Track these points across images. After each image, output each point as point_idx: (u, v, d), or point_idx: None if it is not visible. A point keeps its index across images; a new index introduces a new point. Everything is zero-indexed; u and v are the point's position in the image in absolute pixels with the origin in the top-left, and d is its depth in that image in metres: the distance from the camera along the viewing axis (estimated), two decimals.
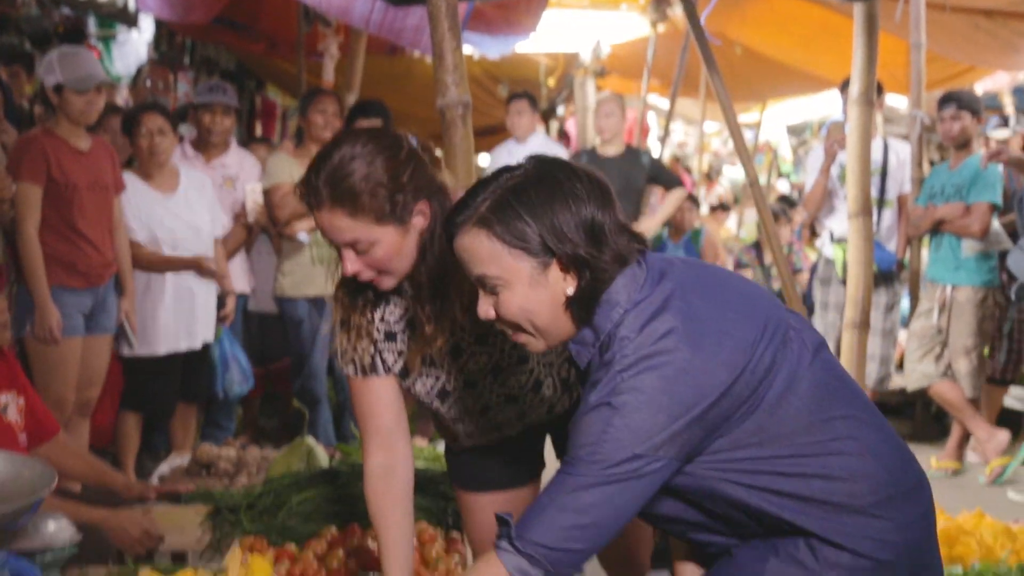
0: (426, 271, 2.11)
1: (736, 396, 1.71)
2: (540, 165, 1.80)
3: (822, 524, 1.75)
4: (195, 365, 5.00)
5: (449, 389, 2.29)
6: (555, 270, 1.76)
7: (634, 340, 1.71)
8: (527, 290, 1.77)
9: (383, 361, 2.26)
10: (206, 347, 5.04)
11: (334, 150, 2.04)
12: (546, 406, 2.38)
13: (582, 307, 1.78)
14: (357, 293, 2.21)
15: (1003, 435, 5.65)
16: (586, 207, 1.74)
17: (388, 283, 2.12)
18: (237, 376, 5.21)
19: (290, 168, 5.09)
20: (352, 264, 2.07)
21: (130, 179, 4.77)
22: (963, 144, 5.74)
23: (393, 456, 2.28)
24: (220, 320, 5.13)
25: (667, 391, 1.67)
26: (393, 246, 2.07)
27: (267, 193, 5.21)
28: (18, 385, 3.13)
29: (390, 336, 2.24)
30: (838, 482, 1.75)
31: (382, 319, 2.24)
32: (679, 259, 1.88)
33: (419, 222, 2.09)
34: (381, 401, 2.27)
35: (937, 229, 5.78)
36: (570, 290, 1.77)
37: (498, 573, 1.72)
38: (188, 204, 4.86)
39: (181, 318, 4.85)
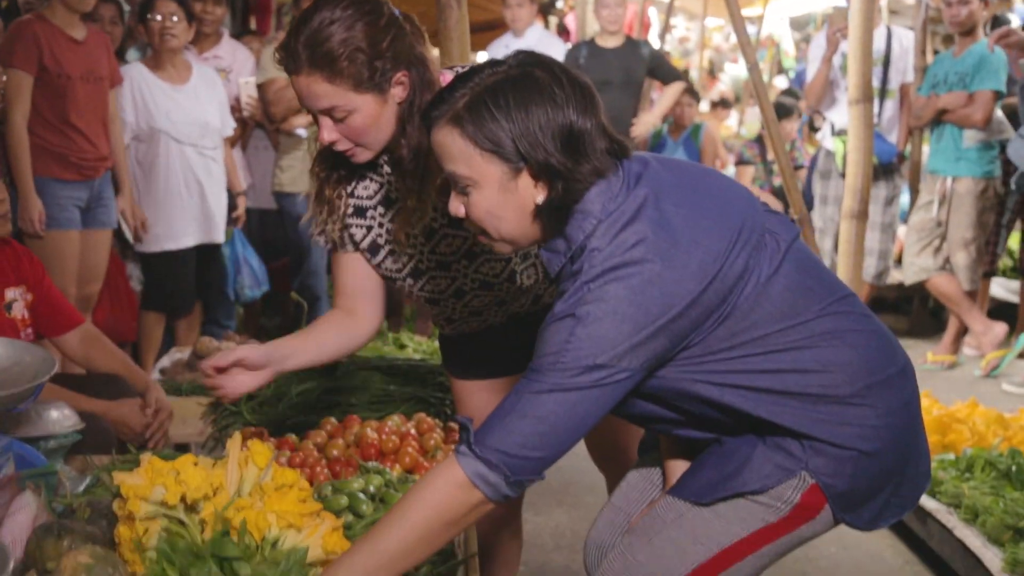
0: (407, 144, 2.08)
1: (705, 305, 1.70)
2: (523, 64, 1.74)
3: (797, 418, 1.75)
4: (207, 262, 4.99)
5: (422, 269, 2.28)
6: (526, 177, 1.73)
7: (603, 251, 1.69)
8: (496, 194, 1.74)
9: (351, 236, 2.27)
10: (218, 246, 5.04)
11: (314, 13, 2.00)
12: (529, 297, 2.36)
13: (551, 217, 1.75)
14: (332, 168, 2.20)
15: (1000, 328, 5.69)
16: (563, 113, 1.70)
17: (364, 156, 2.10)
18: (248, 280, 5.22)
19: None
20: (329, 133, 2.04)
21: (137, 68, 4.72)
22: (969, 30, 5.64)
23: (351, 315, 2.33)
24: (232, 221, 5.11)
25: (633, 301, 1.65)
26: (371, 115, 2.03)
27: (261, 88, 5.15)
28: (28, 279, 3.12)
29: (359, 211, 2.24)
30: (812, 374, 1.75)
31: (352, 194, 2.24)
32: (657, 159, 1.84)
33: (398, 92, 2.05)
34: (349, 272, 2.32)
35: (939, 119, 5.72)
36: (540, 199, 1.74)
37: (456, 476, 1.71)
38: (197, 97, 4.82)
39: (193, 213, 4.84)
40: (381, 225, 2.25)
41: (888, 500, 1.84)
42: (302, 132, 5.03)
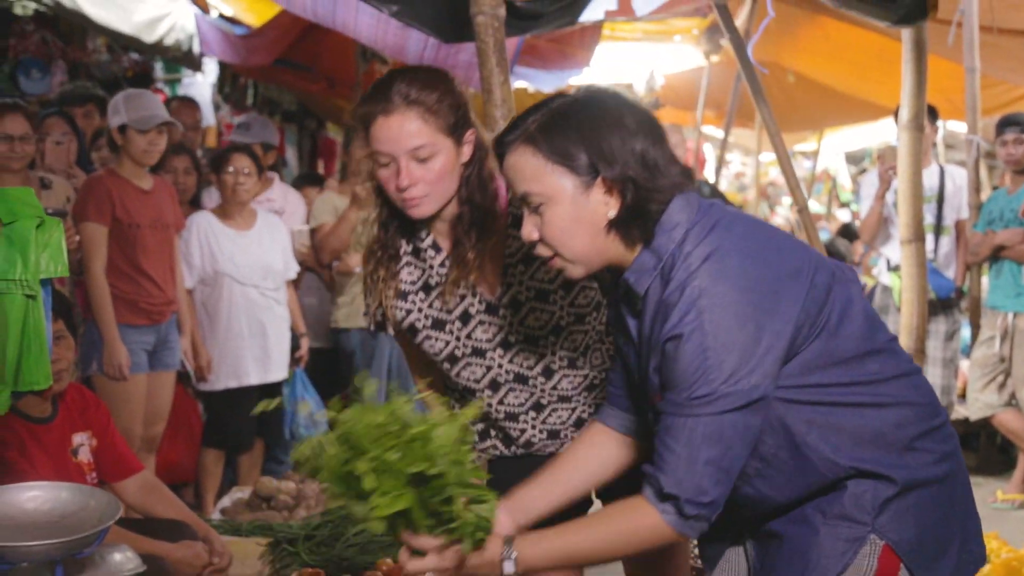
0: (468, 204, 2.22)
1: (807, 312, 1.75)
2: (590, 91, 1.85)
3: (866, 457, 1.79)
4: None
5: (458, 355, 2.33)
6: (598, 191, 1.80)
7: (697, 249, 1.76)
8: (568, 209, 1.81)
9: (394, 318, 2.36)
10: (279, 385, 5.14)
11: (406, 69, 2.21)
12: (568, 410, 2.36)
13: (625, 232, 1.81)
14: (386, 248, 2.33)
15: None
16: (635, 138, 1.79)
17: (427, 207, 2.19)
18: (304, 420, 5.29)
19: (334, 206, 5.23)
20: (407, 177, 2.15)
21: (205, 216, 4.95)
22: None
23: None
24: (295, 361, 5.23)
25: (742, 280, 1.72)
26: (450, 162, 2.17)
27: (313, 232, 5.32)
28: (94, 425, 3.22)
29: (401, 295, 2.34)
30: (889, 409, 1.80)
31: (396, 276, 2.34)
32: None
33: (467, 151, 2.21)
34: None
35: (996, 255, 5.71)
36: (612, 212, 1.81)
37: (658, 524, 1.79)
38: (260, 242, 5.00)
39: (255, 353, 4.97)
40: (420, 310, 2.33)
41: (959, 556, 1.85)
42: (360, 270, 5.16)
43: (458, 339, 2.32)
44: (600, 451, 2.05)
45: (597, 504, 2.50)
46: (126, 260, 4.47)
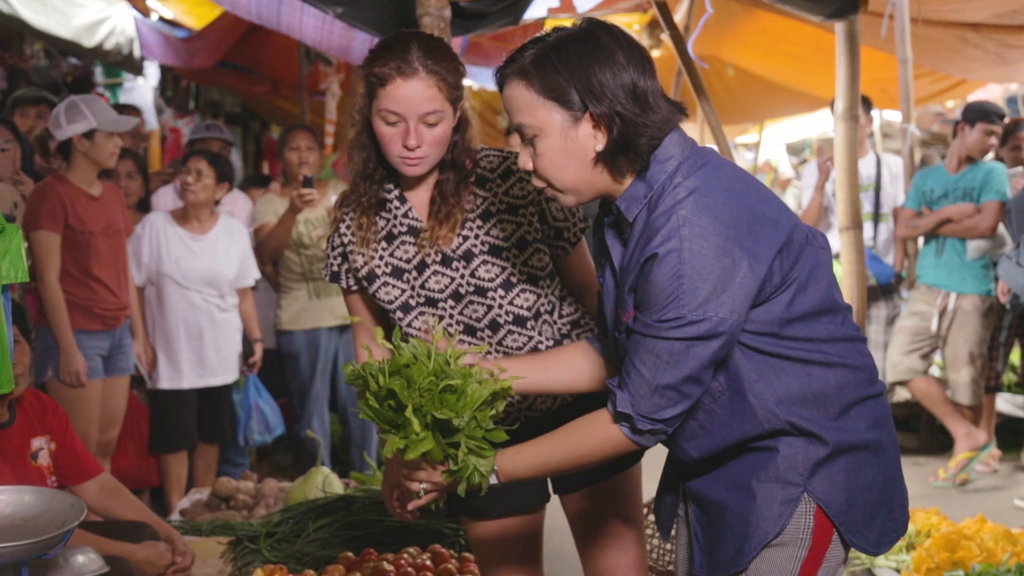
0: (452, 167, 2.39)
1: (781, 262, 1.84)
2: (587, 26, 1.93)
3: (807, 416, 1.89)
4: (213, 405, 5.10)
5: (412, 304, 2.43)
6: (586, 125, 1.89)
7: (687, 181, 1.85)
8: (558, 141, 1.90)
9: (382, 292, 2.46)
10: (225, 388, 5.15)
11: (419, 34, 2.36)
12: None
13: (613, 164, 1.91)
14: (365, 203, 2.46)
15: (980, 435, 5.73)
16: (627, 72, 1.87)
17: (424, 167, 2.35)
18: (258, 426, 5.28)
19: (276, 207, 5.26)
20: (415, 138, 2.29)
21: (158, 216, 4.96)
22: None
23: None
24: (248, 367, 5.24)
25: (728, 235, 1.80)
26: (449, 127, 2.34)
27: (255, 232, 5.33)
28: (53, 429, 3.24)
29: (389, 238, 2.45)
30: (834, 369, 1.90)
31: (374, 223, 2.46)
32: None
33: (456, 118, 2.36)
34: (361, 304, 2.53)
35: (935, 233, 5.84)
36: (600, 146, 1.90)
37: (617, 436, 1.94)
38: (214, 248, 4.99)
39: (189, 356, 4.97)
40: (381, 257, 2.44)
41: (885, 523, 1.95)
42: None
43: (412, 288, 2.42)
44: (580, 361, 2.17)
45: (555, 499, 2.59)
46: (79, 267, 4.47)
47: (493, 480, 2.03)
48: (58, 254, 4.37)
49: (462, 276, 2.40)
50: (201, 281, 4.95)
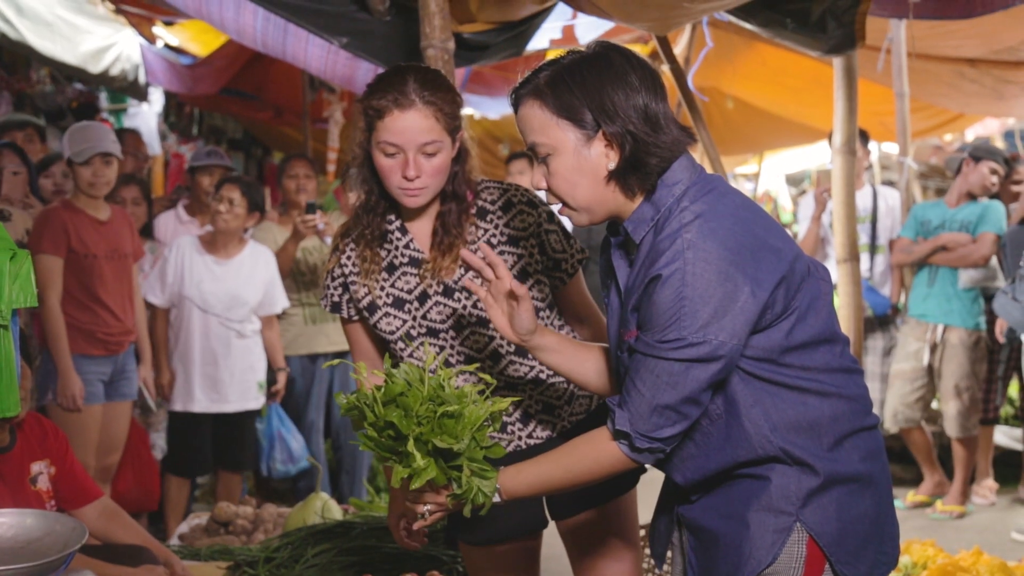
0: (453, 198, 2.42)
1: (783, 290, 1.88)
2: (601, 48, 1.97)
3: (801, 444, 1.92)
4: (231, 432, 5.06)
5: (413, 335, 2.46)
6: (599, 144, 1.94)
7: (694, 205, 1.89)
8: (571, 160, 1.95)
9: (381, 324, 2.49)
10: (244, 416, 5.10)
11: (416, 67, 2.41)
12: (514, 401, 2.39)
13: (625, 183, 1.95)
14: (368, 236, 2.49)
15: (949, 489, 5.86)
16: (639, 94, 1.92)
17: (424, 197, 2.38)
18: (281, 455, 5.25)
19: (274, 235, 5.29)
20: (414, 169, 2.33)
21: (188, 241, 4.97)
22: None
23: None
24: (271, 396, 5.21)
25: (732, 260, 1.83)
26: (448, 158, 2.37)
27: None
28: (52, 453, 3.25)
29: (391, 269, 2.48)
30: (830, 399, 1.93)
31: (376, 255, 2.49)
32: None
33: (455, 149, 2.40)
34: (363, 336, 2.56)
35: (928, 261, 5.88)
36: (612, 164, 1.94)
37: (616, 455, 1.97)
38: (238, 274, 4.98)
39: (203, 381, 4.97)
40: (383, 288, 2.46)
41: (876, 556, 1.97)
42: (321, 225, 5.08)
43: (414, 318, 2.45)
44: (600, 361, 2.21)
45: (552, 525, 2.62)
46: (83, 290, 4.50)
47: (496, 499, 2.06)
48: (59, 278, 4.40)
49: (464, 307, 2.43)
50: (221, 305, 4.94)
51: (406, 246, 2.46)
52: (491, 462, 2.07)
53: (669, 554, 2.19)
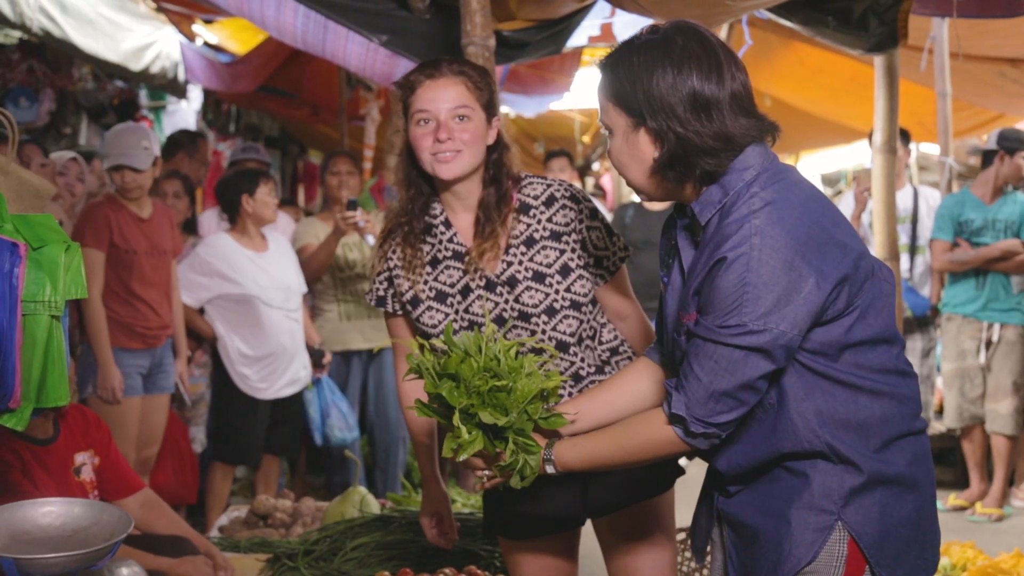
0: (493, 184, 2.46)
1: (847, 285, 1.86)
2: (669, 30, 1.94)
3: (848, 441, 1.90)
4: (284, 414, 5.12)
5: (455, 329, 2.47)
6: (644, 134, 1.94)
7: (764, 192, 1.88)
8: (622, 143, 1.97)
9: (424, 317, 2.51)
10: (297, 396, 5.17)
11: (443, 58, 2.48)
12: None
13: (670, 175, 1.94)
14: (407, 230, 2.53)
15: (987, 496, 5.84)
16: (691, 80, 1.88)
17: (458, 165, 2.41)
18: (338, 422, 5.29)
19: (316, 230, 5.33)
20: (446, 131, 2.38)
21: (223, 239, 5.00)
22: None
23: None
24: (320, 368, 5.27)
25: (798, 250, 1.82)
26: (482, 129, 2.44)
27: (296, 253, 5.40)
28: (96, 444, 3.30)
29: (410, 267, 2.51)
30: (882, 399, 1.91)
31: (418, 249, 2.52)
32: None
33: (492, 134, 2.47)
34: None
35: (988, 267, 5.82)
36: (655, 155, 1.94)
37: (671, 437, 1.96)
38: (278, 263, 5.05)
39: (275, 372, 5.01)
40: (426, 282, 2.49)
41: (916, 562, 1.94)
42: (371, 240, 5.13)
43: (456, 311, 2.47)
44: (643, 383, 2.19)
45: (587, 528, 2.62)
46: (123, 285, 4.57)
47: (551, 469, 2.08)
48: (101, 272, 4.47)
49: (506, 301, 2.44)
50: (279, 298, 4.98)
51: (450, 240, 2.48)
52: (549, 433, 2.11)
53: (709, 551, 2.19)
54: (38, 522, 2.51)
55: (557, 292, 2.43)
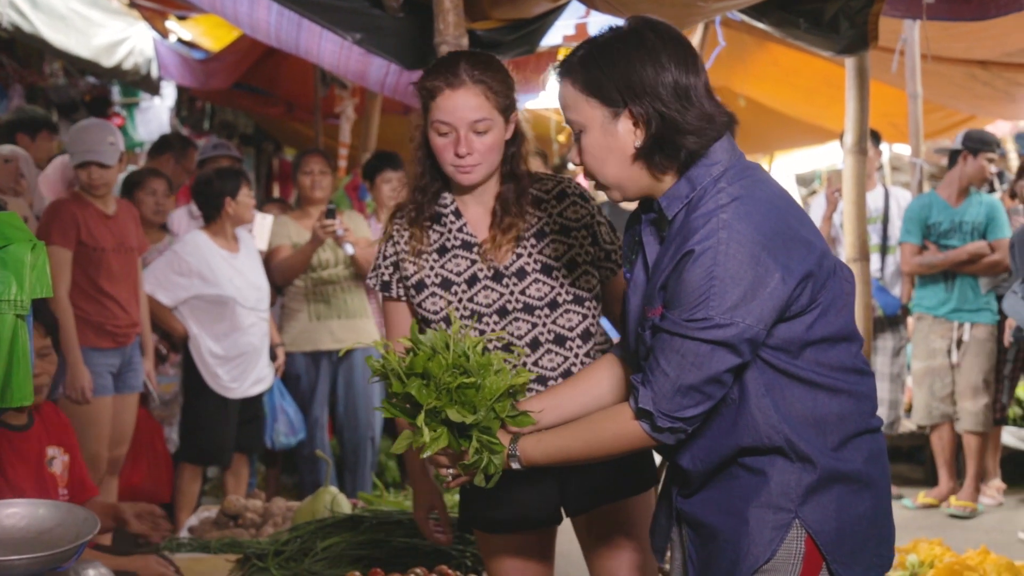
0: (511, 178, 2.49)
1: (811, 282, 1.88)
2: (635, 24, 1.98)
3: (806, 438, 1.92)
4: (250, 412, 5.11)
5: (457, 317, 2.45)
6: (625, 121, 1.95)
7: (731, 187, 1.90)
8: (599, 137, 1.98)
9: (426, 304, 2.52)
10: (262, 396, 5.17)
11: (468, 52, 2.53)
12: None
13: (651, 160, 1.95)
14: (415, 215, 2.54)
15: (955, 492, 5.91)
16: (669, 71, 1.91)
17: (477, 174, 2.44)
18: (284, 427, 5.29)
19: (289, 231, 5.30)
20: (466, 146, 2.40)
21: (201, 238, 4.95)
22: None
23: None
24: (274, 371, 5.25)
25: (765, 245, 1.84)
26: (500, 136, 2.45)
27: (269, 254, 5.37)
28: (66, 443, 3.28)
29: (416, 253, 2.53)
30: (839, 396, 1.94)
31: (426, 234, 2.54)
32: None
33: (510, 130, 2.48)
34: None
35: (958, 269, 5.87)
36: (638, 142, 1.95)
37: (637, 432, 1.97)
38: (249, 263, 5.04)
39: (244, 372, 5.00)
40: (432, 268, 2.51)
41: (872, 558, 1.97)
42: (350, 249, 5.11)
43: (460, 300, 2.49)
44: (605, 383, 2.20)
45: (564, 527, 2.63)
46: (91, 283, 4.53)
47: (516, 465, 2.09)
48: (68, 270, 4.42)
49: (512, 293, 2.48)
50: (252, 299, 4.97)
51: (459, 229, 2.52)
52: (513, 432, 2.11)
53: (668, 551, 2.19)
54: (2, 523, 2.49)
55: (562, 286, 2.48)
